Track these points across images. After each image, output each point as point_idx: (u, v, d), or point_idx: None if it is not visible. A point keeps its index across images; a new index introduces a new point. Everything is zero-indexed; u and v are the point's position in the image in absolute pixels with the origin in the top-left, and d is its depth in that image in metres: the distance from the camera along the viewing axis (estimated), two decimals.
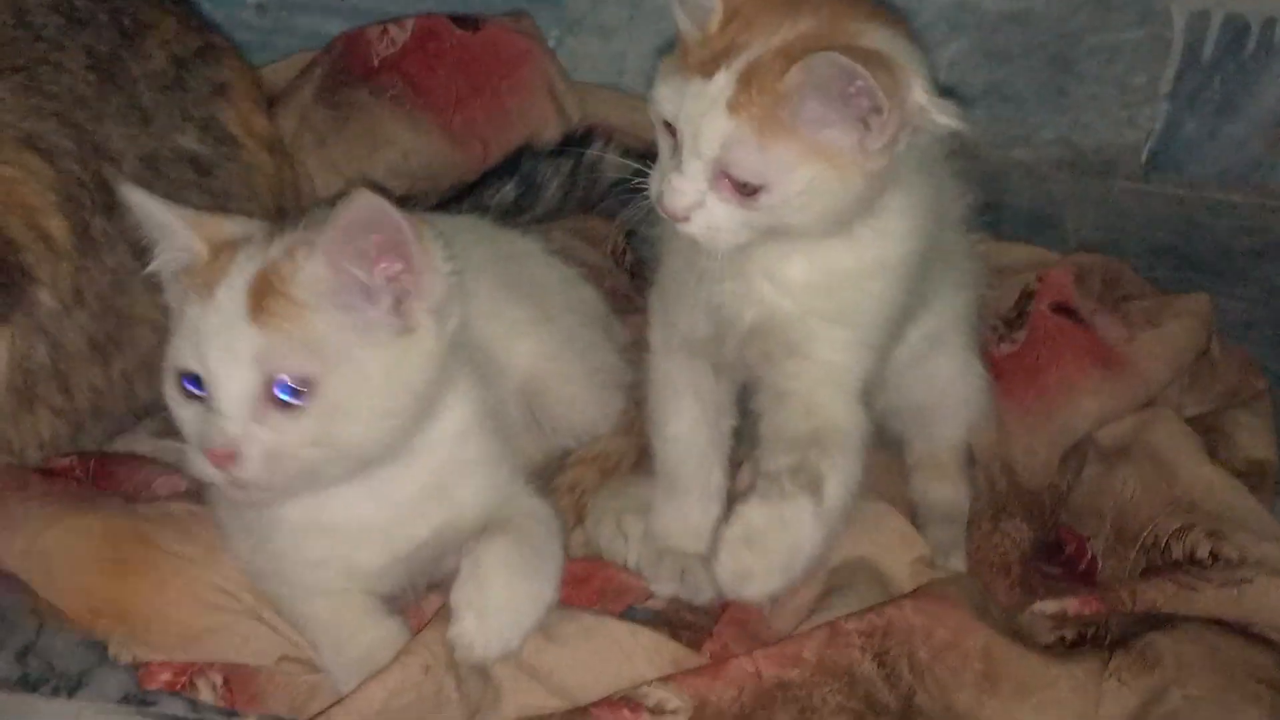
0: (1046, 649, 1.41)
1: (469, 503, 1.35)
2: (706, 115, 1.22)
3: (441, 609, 1.33)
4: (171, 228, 1.25)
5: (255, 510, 1.31)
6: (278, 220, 1.59)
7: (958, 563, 1.52)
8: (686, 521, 1.47)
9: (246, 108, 1.68)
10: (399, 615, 1.36)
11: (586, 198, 1.93)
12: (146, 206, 1.26)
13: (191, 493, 1.43)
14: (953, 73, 2.18)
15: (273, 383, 1.20)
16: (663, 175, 1.28)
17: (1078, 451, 1.67)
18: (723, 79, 1.22)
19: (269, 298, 1.20)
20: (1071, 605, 1.46)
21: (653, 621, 1.43)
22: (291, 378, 1.20)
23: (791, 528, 1.31)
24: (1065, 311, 1.75)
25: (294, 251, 1.22)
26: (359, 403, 1.23)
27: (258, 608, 1.37)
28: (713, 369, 1.43)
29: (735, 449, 1.49)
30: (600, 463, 1.59)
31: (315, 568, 1.33)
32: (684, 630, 1.42)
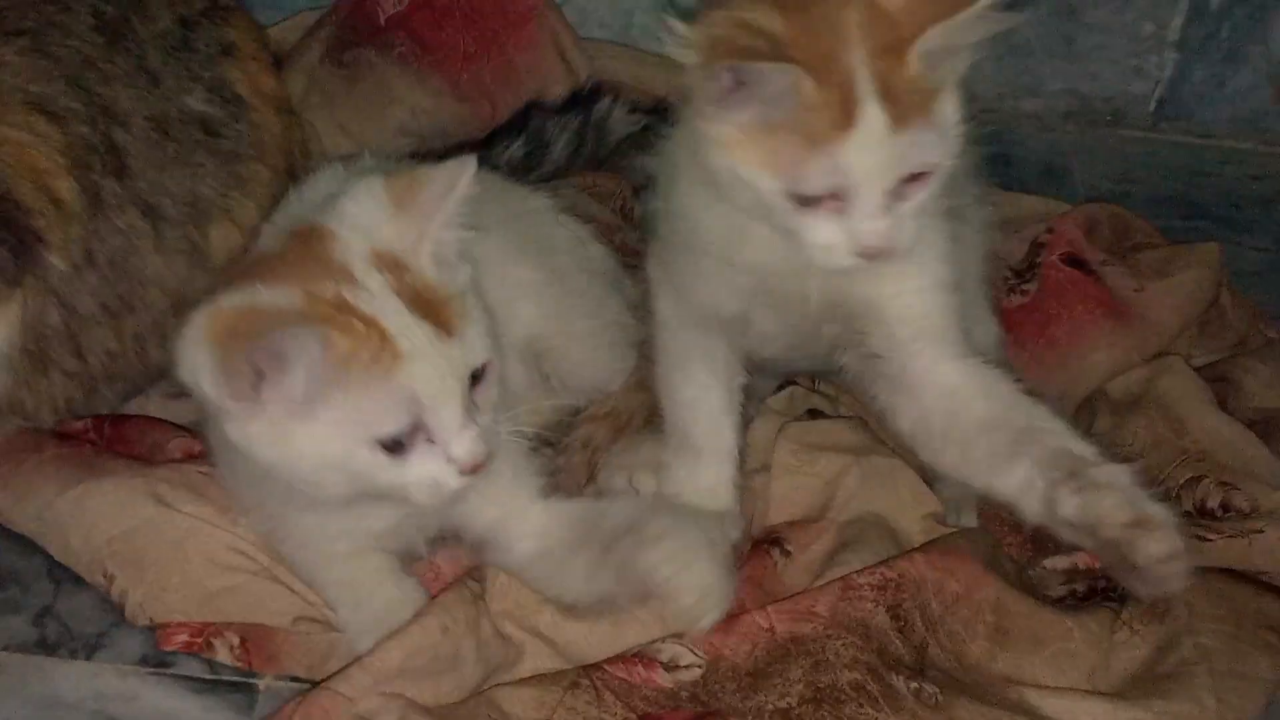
0: (1058, 602, 1.42)
1: None
2: (879, 152, 1.19)
3: (461, 575, 1.34)
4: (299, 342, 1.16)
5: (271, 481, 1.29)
6: (288, 182, 1.61)
7: (970, 519, 1.51)
8: (699, 481, 1.48)
9: (254, 68, 1.67)
10: (414, 575, 1.37)
11: (595, 154, 1.92)
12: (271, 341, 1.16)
13: (205, 455, 1.44)
14: None
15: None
16: (828, 238, 1.23)
17: (1089, 404, 1.67)
18: (870, 113, 1.18)
19: (436, 312, 1.20)
20: (1082, 559, 1.46)
21: None
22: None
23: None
24: (1076, 263, 1.75)
25: (398, 264, 1.22)
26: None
27: (273, 568, 1.38)
28: (730, 341, 1.43)
29: (746, 405, 1.50)
30: (612, 419, 1.60)
31: (324, 526, 1.34)
32: None
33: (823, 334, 1.39)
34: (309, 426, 1.18)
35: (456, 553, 1.42)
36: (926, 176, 1.22)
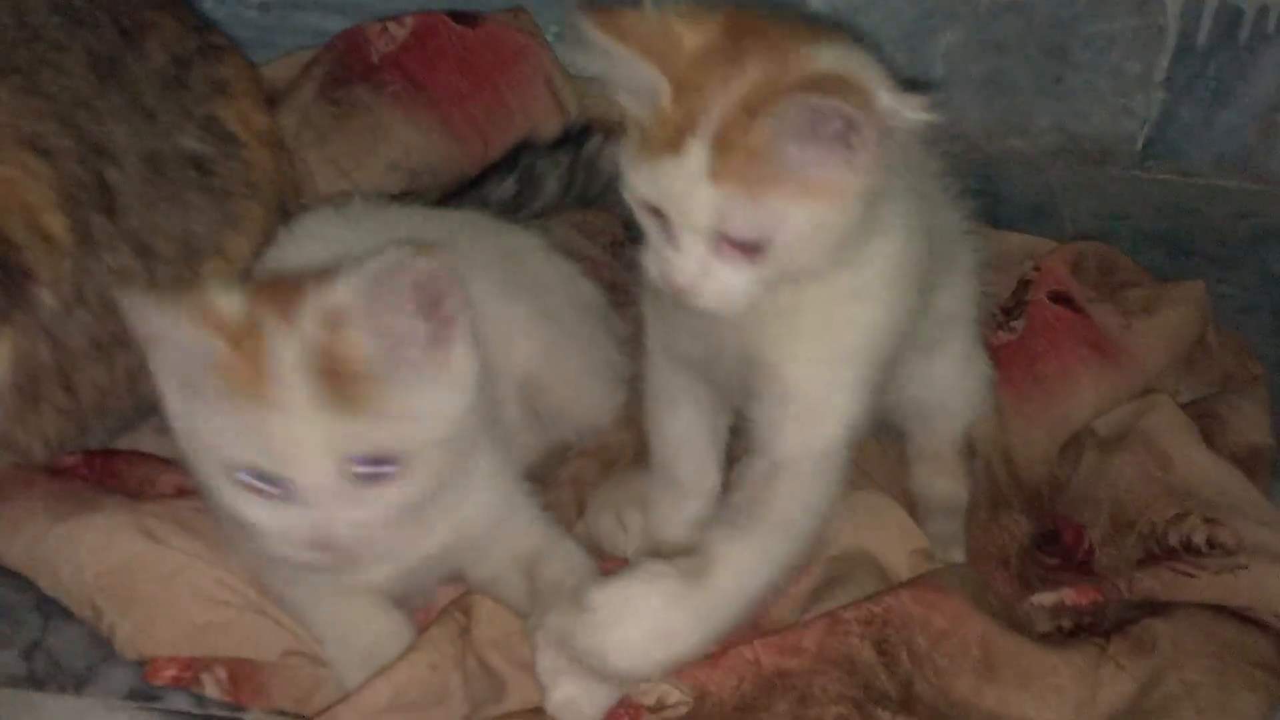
0: (1045, 638, 1.42)
1: (475, 516, 1.35)
2: (690, 190, 1.18)
3: (446, 608, 1.34)
4: (177, 329, 1.19)
5: None
6: (281, 221, 1.62)
7: (957, 555, 1.52)
8: (684, 517, 1.47)
9: (247, 105, 1.68)
10: (403, 609, 1.37)
11: (585, 191, 1.93)
12: (143, 312, 1.20)
13: (195, 489, 1.43)
14: (948, 62, 2.18)
15: (354, 463, 1.19)
16: (657, 254, 1.25)
17: (1075, 441, 1.67)
18: (696, 150, 1.17)
19: (341, 385, 1.17)
20: (1069, 595, 1.46)
21: None
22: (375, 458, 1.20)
23: (639, 613, 1.27)
24: (1063, 300, 1.76)
25: (339, 325, 1.18)
26: (434, 459, 1.23)
27: (261, 602, 1.38)
28: (706, 381, 1.42)
29: (732, 444, 1.49)
30: (601, 456, 1.60)
31: (320, 579, 1.34)
32: None
33: (730, 379, 1.38)
34: (195, 416, 1.21)
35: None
36: (762, 249, 1.20)
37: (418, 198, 1.84)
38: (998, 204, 2.05)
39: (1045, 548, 1.58)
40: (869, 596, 1.38)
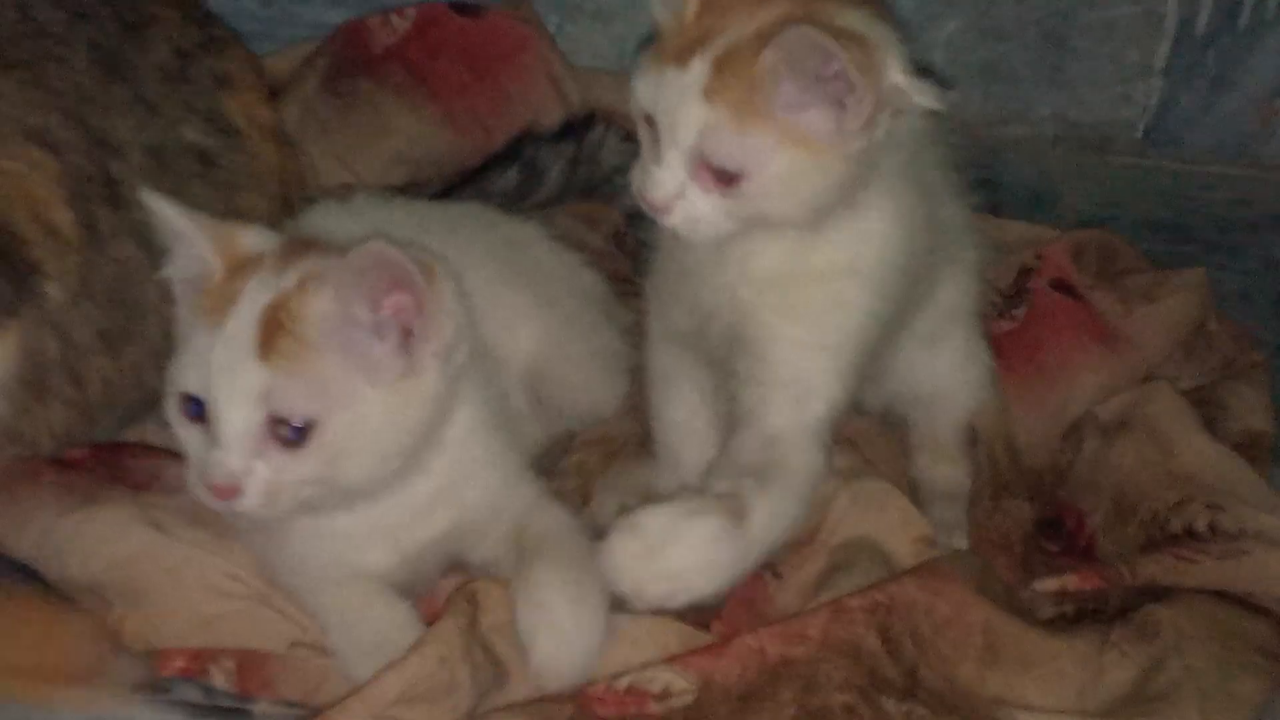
0: (1047, 624, 1.43)
1: (478, 502, 1.36)
2: (682, 103, 1.22)
3: (453, 597, 1.34)
4: (189, 237, 1.25)
5: None
6: (284, 213, 1.62)
7: (960, 542, 1.53)
8: None
9: (250, 98, 1.68)
10: (409, 599, 1.37)
11: (588, 182, 1.94)
12: (165, 213, 1.25)
13: None
14: (948, 51, 2.18)
15: (276, 421, 1.21)
16: (643, 168, 1.28)
17: (1077, 428, 1.68)
18: (698, 66, 1.22)
19: (279, 335, 1.20)
20: (1071, 582, 1.47)
21: None
22: (296, 418, 1.21)
23: (687, 542, 1.29)
24: (1064, 288, 1.77)
25: (305, 285, 1.22)
26: (359, 444, 1.24)
27: (269, 594, 1.38)
28: (704, 360, 1.43)
29: None
30: (605, 445, 1.61)
31: (323, 567, 1.34)
32: (691, 610, 1.41)
33: (719, 356, 1.40)
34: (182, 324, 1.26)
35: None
36: (737, 182, 1.24)
37: (420, 189, 1.84)
38: (998, 192, 2.04)
39: (1047, 534, 1.59)
40: (873, 584, 1.38)
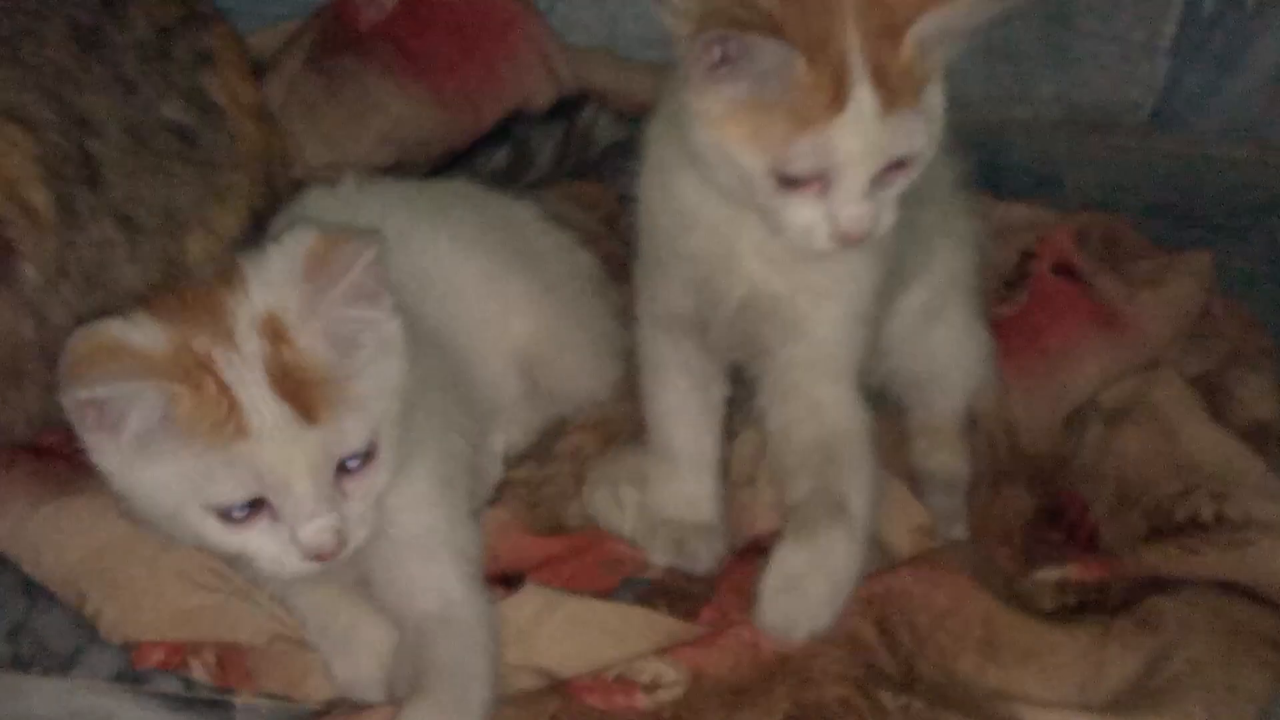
0: (1048, 615, 1.41)
1: (404, 523, 1.30)
2: (867, 135, 1.18)
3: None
4: (137, 391, 1.11)
5: None
6: (268, 193, 1.60)
7: (959, 531, 1.51)
8: (681, 492, 1.46)
9: (233, 76, 1.66)
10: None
11: (580, 162, 1.92)
12: (108, 391, 1.12)
13: None
14: None
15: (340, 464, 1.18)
16: (806, 219, 1.22)
17: (1079, 415, 1.66)
18: (861, 95, 1.17)
19: (304, 393, 1.14)
20: (1073, 572, 1.45)
21: (650, 591, 1.43)
22: (359, 449, 1.18)
23: (829, 561, 1.31)
24: (1066, 272, 1.75)
25: (283, 336, 1.15)
26: (394, 435, 1.21)
27: (248, 587, 1.37)
28: (699, 345, 1.41)
29: (729, 418, 1.49)
30: (600, 429, 1.60)
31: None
32: (682, 600, 1.42)
33: (735, 333, 1.38)
34: (150, 470, 1.14)
35: None
36: (908, 164, 1.22)
37: (409, 170, 1.83)
38: (1001, 174, 2.03)
39: (1049, 523, 1.57)
40: (870, 575, 1.36)
